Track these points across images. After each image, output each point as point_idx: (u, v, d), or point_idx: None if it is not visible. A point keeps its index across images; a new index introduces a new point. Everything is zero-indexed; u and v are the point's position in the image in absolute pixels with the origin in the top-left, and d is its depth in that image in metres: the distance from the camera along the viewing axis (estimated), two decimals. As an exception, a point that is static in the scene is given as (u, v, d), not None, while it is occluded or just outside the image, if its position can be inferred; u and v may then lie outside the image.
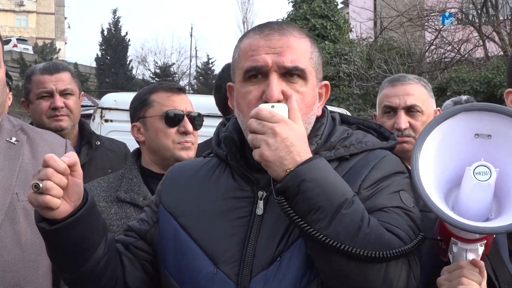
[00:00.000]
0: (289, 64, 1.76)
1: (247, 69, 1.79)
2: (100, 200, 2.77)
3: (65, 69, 3.47)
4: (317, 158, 1.67)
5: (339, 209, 1.60)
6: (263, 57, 1.77)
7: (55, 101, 3.35)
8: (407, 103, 2.96)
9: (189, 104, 2.89)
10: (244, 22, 45.04)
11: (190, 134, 2.83)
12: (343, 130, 1.88)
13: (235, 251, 1.76)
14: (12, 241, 2.15)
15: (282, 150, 1.64)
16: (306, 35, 1.86)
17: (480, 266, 1.60)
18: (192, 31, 62.06)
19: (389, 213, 1.69)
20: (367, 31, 18.01)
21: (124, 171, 2.87)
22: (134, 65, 52.19)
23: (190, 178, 1.95)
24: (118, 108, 6.41)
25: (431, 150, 1.62)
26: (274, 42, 1.78)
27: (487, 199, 1.56)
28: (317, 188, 1.61)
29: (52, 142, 2.38)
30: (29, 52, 46.48)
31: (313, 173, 1.62)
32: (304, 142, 1.68)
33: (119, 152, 3.62)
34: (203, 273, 1.79)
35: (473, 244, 1.61)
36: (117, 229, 2.72)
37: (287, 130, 1.65)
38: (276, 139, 1.64)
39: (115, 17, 49.26)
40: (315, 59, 1.84)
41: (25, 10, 62.05)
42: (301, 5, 19.42)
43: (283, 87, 1.76)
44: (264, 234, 1.75)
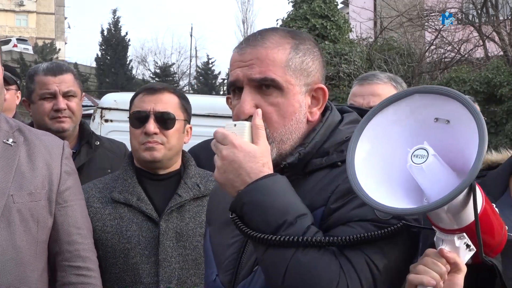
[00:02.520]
0: (257, 75, 1.74)
1: (227, 85, 1.83)
2: (95, 201, 2.79)
3: (68, 70, 3.47)
4: (265, 179, 1.63)
5: (277, 231, 1.58)
6: (236, 71, 1.78)
7: (58, 102, 3.35)
8: (371, 103, 2.91)
9: (164, 103, 2.80)
10: (244, 22, 45.05)
11: (153, 134, 2.76)
12: (346, 133, 1.79)
13: (232, 260, 1.80)
14: (6, 242, 2.15)
15: (230, 173, 1.65)
16: (288, 41, 1.79)
17: (448, 257, 1.55)
18: (192, 31, 62.09)
19: (353, 228, 1.62)
20: (367, 31, 18.01)
21: (120, 172, 2.87)
22: (134, 65, 52.23)
23: None
24: (118, 108, 6.42)
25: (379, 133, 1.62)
26: (245, 56, 1.77)
27: (426, 182, 1.55)
28: (255, 211, 1.62)
29: (50, 144, 2.37)
30: (29, 52, 46.49)
31: (252, 196, 1.62)
32: (256, 163, 1.65)
33: (118, 152, 3.62)
34: (209, 279, 1.87)
35: (449, 235, 1.57)
36: (110, 230, 2.74)
37: (234, 153, 1.64)
38: (223, 162, 1.66)
39: (115, 17, 49.28)
40: (296, 65, 1.77)
41: (25, 10, 62.04)
42: (301, 5, 19.41)
43: (257, 100, 1.74)
44: (251, 245, 1.75)
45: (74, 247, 2.34)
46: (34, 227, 2.23)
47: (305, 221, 1.61)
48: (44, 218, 2.26)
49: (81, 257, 2.34)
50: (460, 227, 1.56)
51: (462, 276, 1.57)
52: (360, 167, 1.59)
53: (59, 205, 2.31)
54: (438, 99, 1.58)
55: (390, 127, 1.63)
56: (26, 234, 2.20)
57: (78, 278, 2.33)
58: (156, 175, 2.86)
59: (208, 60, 50.87)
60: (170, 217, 2.75)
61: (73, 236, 2.33)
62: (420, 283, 1.54)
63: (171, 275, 2.70)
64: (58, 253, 2.33)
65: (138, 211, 2.75)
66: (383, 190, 1.57)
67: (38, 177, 2.27)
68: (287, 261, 1.58)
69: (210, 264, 1.88)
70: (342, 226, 1.63)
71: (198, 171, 2.91)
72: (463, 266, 1.57)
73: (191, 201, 2.79)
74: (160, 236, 2.71)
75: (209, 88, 46.46)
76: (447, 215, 1.55)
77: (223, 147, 1.66)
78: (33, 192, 2.24)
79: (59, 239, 2.32)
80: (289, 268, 1.58)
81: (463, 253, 1.58)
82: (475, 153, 1.47)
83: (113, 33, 49.08)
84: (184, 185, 2.82)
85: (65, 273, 2.33)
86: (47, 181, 2.28)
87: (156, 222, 2.74)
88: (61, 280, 2.33)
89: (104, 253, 2.73)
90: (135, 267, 2.70)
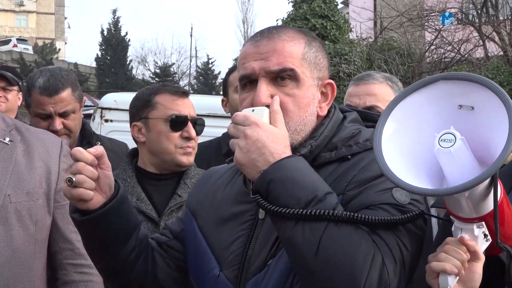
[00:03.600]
0: (275, 67, 1.77)
1: (239, 77, 1.83)
2: None
3: (65, 86, 3.27)
4: (290, 158, 1.65)
5: (306, 207, 1.58)
6: (251, 64, 1.79)
7: (53, 123, 3.25)
8: (367, 103, 2.91)
9: (192, 108, 2.88)
10: (244, 22, 45.02)
11: (193, 139, 2.82)
12: (352, 129, 1.84)
13: (237, 255, 1.80)
14: (3, 242, 2.14)
15: (254, 152, 1.65)
16: (302, 36, 1.84)
17: (468, 245, 1.56)
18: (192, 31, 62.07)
19: (375, 210, 1.64)
20: (367, 31, 17.99)
21: (119, 172, 2.86)
22: (134, 65, 52.16)
23: (215, 181, 2.01)
24: (118, 108, 6.42)
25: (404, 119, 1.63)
26: (261, 48, 1.80)
27: (453, 166, 1.55)
28: (284, 187, 1.61)
29: (47, 142, 2.35)
30: (29, 52, 46.48)
31: (280, 173, 1.62)
32: (279, 143, 1.66)
33: (119, 152, 3.61)
34: (210, 275, 1.84)
35: (468, 224, 1.59)
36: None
37: (258, 132, 1.65)
38: (247, 142, 1.65)
39: (115, 17, 49.26)
40: (311, 59, 1.82)
41: (25, 10, 62.04)
42: (301, 5, 19.40)
43: (273, 91, 1.77)
44: (261, 239, 1.77)
45: (74, 245, 2.33)
46: (32, 227, 2.21)
47: (333, 198, 1.63)
48: (42, 217, 2.25)
49: (81, 255, 2.32)
50: (478, 215, 1.58)
51: (481, 264, 1.58)
52: (386, 147, 1.60)
53: (57, 203, 2.29)
54: (464, 85, 1.59)
55: (416, 112, 1.64)
56: (24, 233, 2.19)
57: (80, 276, 2.33)
58: (156, 175, 2.86)
59: (208, 60, 50.90)
60: (170, 217, 2.74)
61: (72, 234, 2.31)
62: (443, 270, 1.55)
63: None
64: (58, 252, 2.32)
65: (138, 211, 2.74)
66: (406, 171, 1.57)
67: (36, 176, 2.25)
68: (320, 234, 1.57)
69: (209, 260, 1.86)
70: (365, 209, 1.64)
71: (197, 172, 2.92)
72: (481, 254, 1.58)
73: None
74: None
75: (209, 88, 46.45)
76: (467, 202, 1.56)
77: (245, 127, 1.67)
78: (31, 191, 2.22)
79: (58, 238, 2.31)
80: (323, 241, 1.57)
81: (480, 242, 1.59)
82: (502, 141, 1.47)
83: (113, 33, 49.05)
84: (184, 185, 2.83)
85: (67, 271, 2.32)
86: (45, 180, 2.27)
87: (156, 222, 2.74)
88: (63, 278, 2.33)
89: (105, 252, 2.74)
90: None
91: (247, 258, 1.77)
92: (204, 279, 1.87)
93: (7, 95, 4.51)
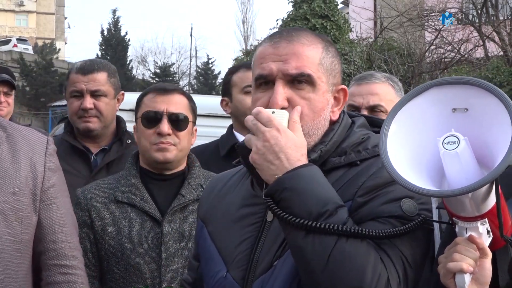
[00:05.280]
0: (293, 71, 1.78)
1: (256, 77, 1.84)
2: (98, 201, 2.78)
3: (101, 69, 3.40)
4: (306, 167, 1.67)
5: (317, 221, 1.60)
6: (269, 65, 1.80)
7: (84, 101, 3.33)
8: (370, 103, 2.92)
9: (176, 104, 2.80)
10: (244, 22, 45.08)
11: (167, 135, 2.75)
12: (361, 135, 1.86)
13: (244, 256, 1.82)
14: None
15: (270, 155, 1.67)
16: (320, 41, 1.85)
17: (477, 243, 1.60)
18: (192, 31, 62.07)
19: (383, 224, 1.66)
20: (367, 31, 17.99)
21: (124, 172, 2.86)
22: (134, 65, 52.12)
23: (223, 186, 2.04)
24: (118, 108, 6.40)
25: (404, 126, 1.66)
26: (281, 50, 1.80)
27: (459, 167, 1.58)
28: (297, 198, 1.63)
29: (33, 140, 2.30)
30: (29, 52, 46.41)
31: (295, 183, 1.64)
32: (296, 151, 1.68)
33: None
34: (218, 276, 1.87)
35: (472, 223, 1.62)
36: (113, 229, 2.73)
37: (278, 136, 1.67)
38: (265, 144, 1.67)
39: (115, 17, 49.23)
40: (327, 65, 1.84)
41: (25, 10, 62.01)
42: (301, 5, 19.41)
43: (289, 94, 1.78)
44: (268, 240, 1.79)
45: (59, 245, 2.28)
46: (18, 226, 2.17)
47: (344, 212, 1.65)
48: (28, 216, 2.20)
49: (66, 256, 2.29)
50: (480, 213, 1.61)
51: (489, 260, 1.62)
52: (392, 151, 1.62)
53: (43, 202, 2.25)
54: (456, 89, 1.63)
55: (414, 119, 1.67)
56: (9, 233, 2.14)
57: (63, 277, 2.28)
58: (160, 176, 2.85)
59: (208, 60, 50.86)
60: (173, 217, 2.74)
61: (57, 234, 2.28)
62: (460, 270, 1.57)
63: (173, 275, 2.69)
64: (43, 252, 2.27)
65: (141, 211, 2.74)
66: (412, 174, 1.60)
67: (21, 174, 2.21)
68: (330, 248, 1.60)
69: (216, 263, 1.88)
70: (372, 221, 1.67)
71: (202, 172, 2.90)
72: (489, 251, 1.62)
73: (194, 201, 2.77)
74: (163, 236, 2.70)
75: (209, 88, 46.42)
76: (470, 202, 1.59)
77: (266, 129, 1.68)
78: (16, 190, 2.18)
79: (43, 238, 2.26)
80: (333, 255, 1.59)
81: (485, 239, 1.63)
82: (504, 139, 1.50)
83: (113, 33, 49.04)
84: (188, 185, 2.81)
85: (50, 272, 2.27)
86: (30, 179, 2.23)
87: (159, 222, 2.73)
88: (47, 279, 2.28)
89: (106, 252, 2.73)
90: (137, 267, 2.70)
91: (254, 259, 1.79)
92: (210, 281, 1.90)
93: (9, 99, 4.58)
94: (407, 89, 12.77)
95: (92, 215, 2.76)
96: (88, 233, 2.75)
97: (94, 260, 2.75)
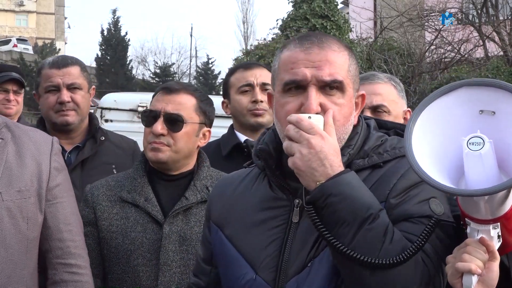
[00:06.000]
0: (327, 77, 1.82)
1: (287, 81, 1.85)
2: (104, 199, 2.75)
3: (74, 63, 3.45)
4: (347, 173, 1.72)
5: (363, 225, 1.66)
6: (302, 70, 1.83)
7: (61, 95, 3.34)
8: (373, 102, 2.92)
9: (177, 104, 2.74)
10: (244, 22, 45.07)
11: (160, 135, 2.70)
12: (378, 137, 1.92)
13: (273, 258, 1.85)
14: None
15: (314, 162, 1.71)
16: (345, 48, 1.91)
17: (488, 245, 1.62)
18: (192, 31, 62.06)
19: (416, 224, 1.72)
20: (367, 31, 17.98)
21: (132, 170, 2.83)
22: (134, 65, 52.02)
23: (235, 189, 2.06)
24: (118, 108, 6.42)
25: (429, 124, 1.67)
26: (313, 56, 1.84)
27: (480, 169, 1.60)
28: (343, 203, 1.68)
29: (38, 140, 2.33)
30: (29, 52, 46.42)
31: (340, 188, 1.69)
32: (336, 156, 1.74)
33: (127, 149, 3.60)
34: (245, 280, 1.89)
35: (485, 226, 1.63)
36: (116, 229, 2.71)
37: (322, 143, 1.71)
38: (310, 151, 1.71)
39: (115, 17, 49.20)
40: (353, 71, 1.90)
41: (25, 10, 61.98)
42: (301, 5, 19.42)
43: (321, 99, 1.82)
44: (298, 241, 1.83)
45: (64, 244, 2.31)
46: (24, 225, 2.20)
47: (385, 215, 1.71)
48: (34, 215, 2.23)
49: (72, 254, 2.31)
50: (494, 217, 1.63)
51: (497, 264, 1.64)
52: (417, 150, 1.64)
53: (48, 202, 2.28)
54: (487, 91, 1.64)
55: (441, 117, 1.68)
56: (16, 232, 2.17)
57: (69, 276, 2.30)
58: (167, 175, 2.80)
59: (208, 60, 50.86)
60: (175, 220, 2.69)
61: (63, 233, 2.30)
62: (468, 271, 1.59)
63: (170, 279, 2.65)
64: (49, 251, 2.30)
65: (144, 212, 2.71)
66: (434, 172, 1.62)
67: (27, 174, 2.23)
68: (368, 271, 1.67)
69: (241, 266, 1.91)
70: (405, 221, 1.74)
71: (210, 173, 2.83)
72: (498, 254, 1.64)
73: (198, 204, 2.72)
74: (162, 240, 2.66)
75: (209, 88, 46.39)
76: (485, 205, 1.60)
77: (311, 136, 1.72)
78: (23, 189, 2.20)
79: (49, 237, 2.28)
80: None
81: (495, 243, 1.65)
82: None
83: (113, 33, 49.00)
84: (193, 187, 2.75)
85: (56, 271, 2.30)
86: (36, 178, 2.25)
87: (161, 224, 2.69)
88: (53, 278, 2.30)
89: (108, 252, 2.72)
90: (136, 269, 2.67)
91: (284, 260, 1.83)
92: (236, 284, 1.92)
93: (18, 98, 4.62)
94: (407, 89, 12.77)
95: (97, 213, 2.74)
96: (92, 231, 2.74)
97: (97, 259, 2.72)
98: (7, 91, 4.60)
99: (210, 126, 2.86)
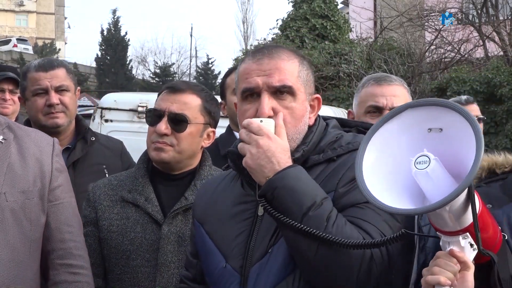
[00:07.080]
0: (277, 83, 2.04)
1: (243, 90, 2.09)
2: (105, 199, 2.75)
3: (60, 65, 3.45)
4: (293, 167, 1.93)
5: (307, 212, 1.86)
6: (255, 79, 2.06)
7: (50, 98, 3.34)
8: (394, 104, 2.96)
9: (181, 104, 2.71)
10: (244, 22, 45.05)
11: (164, 135, 2.68)
12: (335, 134, 2.13)
13: (241, 247, 2.06)
14: (1, 242, 2.12)
15: (263, 160, 1.92)
16: (296, 56, 2.12)
17: (457, 257, 1.67)
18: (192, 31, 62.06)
19: (363, 209, 1.92)
20: (367, 31, 17.98)
21: (134, 170, 2.83)
22: (134, 65, 52.10)
23: (216, 188, 2.29)
24: (118, 108, 6.41)
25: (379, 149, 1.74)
26: (264, 66, 2.07)
27: (431, 185, 1.66)
28: (288, 194, 1.88)
29: (40, 141, 2.34)
30: (29, 52, 46.48)
31: (285, 182, 1.89)
32: (284, 154, 1.95)
33: (115, 149, 3.62)
34: (218, 269, 2.11)
35: (454, 237, 1.69)
36: (116, 229, 2.71)
37: (269, 143, 1.93)
38: (258, 150, 1.93)
39: (114, 17, 49.24)
40: (304, 77, 2.11)
41: (25, 10, 62.01)
42: (301, 5, 19.40)
43: (273, 104, 2.04)
44: (262, 231, 2.04)
45: (66, 244, 2.31)
46: (28, 226, 2.20)
47: (329, 203, 1.91)
48: (37, 216, 2.24)
49: (73, 255, 2.32)
50: (462, 227, 1.68)
51: (471, 273, 1.68)
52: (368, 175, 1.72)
53: (50, 202, 2.28)
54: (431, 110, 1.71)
55: (391, 140, 1.76)
56: (20, 233, 2.17)
57: (71, 276, 2.31)
58: (169, 175, 2.79)
59: (208, 60, 50.92)
60: (174, 220, 2.68)
61: (65, 234, 2.31)
62: (438, 283, 1.65)
63: (168, 280, 2.64)
64: (51, 251, 2.30)
65: (144, 212, 2.70)
66: (388, 194, 1.69)
67: (30, 174, 2.24)
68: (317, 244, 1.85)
69: (216, 256, 2.12)
70: (352, 207, 1.93)
71: (211, 172, 2.81)
72: (471, 263, 1.69)
73: None
74: (160, 240, 2.66)
75: (209, 88, 45.92)
76: (449, 216, 1.66)
77: (259, 137, 1.94)
78: (26, 190, 2.21)
79: (51, 237, 2.29)
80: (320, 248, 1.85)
81: (468, 252, 1.69)
82: (472, 157, 1.57)
83: (113, 33, 49.02)
84: (194, 187, 2.73)
85: (58, 271, 2.30)
86: (39, 179, 2.26)
87: (160, 225, 2.68)
88: (54, 278, 2.30)
89: (108, 252, 2.71)
90: (135, 270, 2.67)
91: (250, 249, 2.04)
92: (212, 273, 2.13)
93: (14, 97, 4.60)
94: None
95: (98, 213, 2.74)
96: (93, 231, 2.74)
97: (98, 259, 2.72)
98: (3, 90, 4.61)
99: (215, 127, 2.84)
